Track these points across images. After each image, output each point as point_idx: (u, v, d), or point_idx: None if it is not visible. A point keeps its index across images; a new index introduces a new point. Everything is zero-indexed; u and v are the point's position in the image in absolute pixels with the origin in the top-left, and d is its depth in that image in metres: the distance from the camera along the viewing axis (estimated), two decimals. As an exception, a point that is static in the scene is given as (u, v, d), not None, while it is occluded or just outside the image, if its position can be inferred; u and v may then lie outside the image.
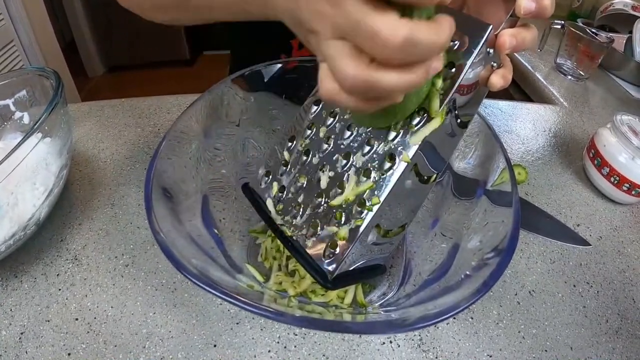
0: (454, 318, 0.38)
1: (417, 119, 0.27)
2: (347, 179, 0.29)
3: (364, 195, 0.28)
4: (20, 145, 0.37)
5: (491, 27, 0.26)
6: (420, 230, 0.40)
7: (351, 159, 0.30)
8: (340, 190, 0.30)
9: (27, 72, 0.50)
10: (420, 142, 0.27)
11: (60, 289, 0.39)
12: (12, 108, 0.51)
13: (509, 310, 0.40)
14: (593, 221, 0.51)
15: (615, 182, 0.52)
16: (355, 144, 0.30)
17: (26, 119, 0.52)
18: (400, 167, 0.27)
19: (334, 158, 0.31)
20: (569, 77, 0.84)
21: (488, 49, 0.27)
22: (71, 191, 0.49)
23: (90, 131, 0.58)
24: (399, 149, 0.27)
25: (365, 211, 0.28)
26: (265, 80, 0.42)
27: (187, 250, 0.28)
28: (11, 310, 0.37)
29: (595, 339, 0.38)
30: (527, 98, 0.85)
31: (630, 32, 0.85)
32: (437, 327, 0.37)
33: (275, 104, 0.44)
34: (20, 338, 0.35)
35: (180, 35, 2.48)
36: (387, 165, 0.28)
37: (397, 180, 0.27)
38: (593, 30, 0.81)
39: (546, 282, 0.43)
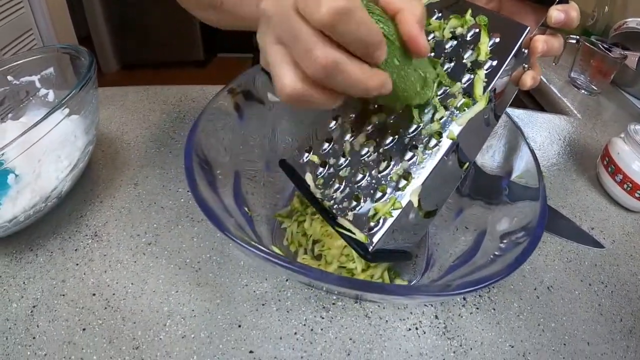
0: (477, 308, 0.38)
1: (462, 102, 0.29)
2: (393, 154, 0.30)
3: (410, 169, 0.29)
4: (49, 116, 0.37)
5: (529, 28, 0.29)
6: (443, 224, 0.41)
7: (397, 136, 0.31)
8: (385, 164, 0.30)
9: (57, 49, 0.50)
10: (465, 123, 0.29)
11: (77, 264, 0.39)
12: (38, 84, 0.51)
13: (529, 303, 0.40)
14: (607, 226, 0.52)
15: (629, 189, 0.53)
16: (402, 123, 0.31)
17: (51, 97, 0.52)
18: (445, 144, 0.29)
19: (380, 135, 0.32)
20: (583, 90, 0.85)
21: (523, 50, 0.30)
22: (94, 170, 0.49)
23: (113, 114, 0.59)
24: (445, 127, 0.29)
25: (410, 184, 0.29)
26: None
27: (225, 219, 0.29)
28: (24, 283, 0.37)
29: (610, 336, 0.39)
30: (540, 108, 0.86)
31: (642, 50, 0.87)
32: (462, 316, 0.38)
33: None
34: (32, 311, 0.35)
35: (196, 36, 2.47)
36: (433, 142, 0.29)
37: (442, 156, 0.28)
38: (607, 46, 0.82)
39: (563, 279, 0.43)
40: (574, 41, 0.82)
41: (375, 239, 0.29)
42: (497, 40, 0.30)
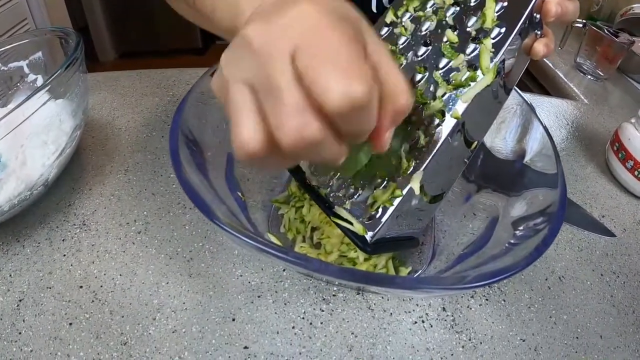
0: (487, 299, 0.36)
1: (467, 75, 0.26)
2: (393, 136, 0.28)
3: (411, 152, 0.27)
4: (32, 96, 0.35)
5: None
6: (450, 210, 0.39)
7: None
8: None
9: (45, 32, 0.48)
10: (470, 99, 0.26)
11: (65, 255, 0.37)
12: (26, 70, 0.49)
13: (540, 294, 0.38)
14: (617, 214, 0.50)
15: (639, 175, 0.52)
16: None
17: (40, 82, 0.50)
18: (449, 123, 0.26)
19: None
20: (589, 76, 0.84)
21: (535, 14, 0.27)
22: (82, 156, 0.47)
23: (104, 99, 0.56)
24: (449, 105, 0.26)
25: (412, 169, 0.26)
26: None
27: (215, 204, 0.26)
28: (10, 275, 0.35)
29: (623, 329, 0.37)
30: (546, 93, 0.85)
31: (649, 37, 0.85)
32: (470, 308, 0.36)
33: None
34: (18, 305, 0.33)
35: (193, 24, 2.45)
36: (436, 122, 0.26)
37: (446, 137, 0.26)
38: (613, 30, 0.80)
39: (575, 269, 0.42)
40: (581, 25, 0.80)
41: (375, 230, 0.26)
42: (505, 4, 0.27)
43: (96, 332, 0.32)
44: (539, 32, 0.28)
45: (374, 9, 0.54)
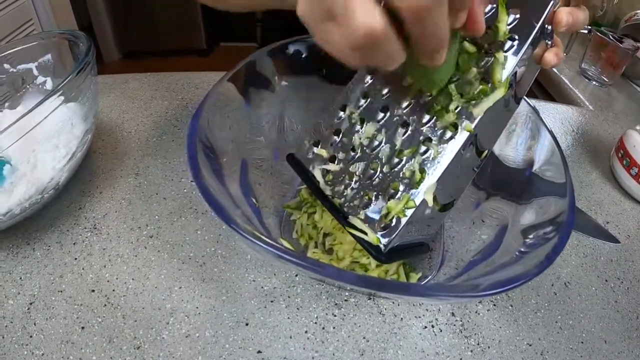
0: (495, 305, 0.37)
1: (480, 89, 0.27)
2: (406, 148, 0.28)
3: (424, 164, 0.27)
4: (44, 101, 0.35)
5: (553, 1, 0.26)
6: (459, 216, 0.39)
7: (410, 128, 0.29)
8: (397, 159, 0.28)
9: (54, 35, 0.48)
10: (483, 113, 0.26)
11: (76, 259, 0.37)
12: (35, 72, 0.50)
13: (546, 300, 0.39)
14: (621, 220, 0.50)
15: (644, 182, 0.52)
16: (415, 113, 0.29)
17: (49, 85, 0.50)
18: (462, 136, 0.26)
19: (391, 127, 0.30)
20: (593, 82, 0.84)
21: (546, 25, 0.27)
22: (93, 160, 0.47)
23: (114, 102, 0.56)
24: (462, 118, 0.27)
25: (425, 181, 0.27)
26: (303, 56, 0.41)
27: (231, 210, 0.27)
28: (20, 278, 0.35)
29: (627, 334, 0.38)
30: (551, 99, 0.85)
31: (653, 42, 0.85)
32: (479, 314, 0.36)
33: (311, 82, 0.42)
34: (28, 308, 0.33)
35: (198, 25, 2.43)
36: (449, 134, 0.27)
37: (458, 150, 0.26)
38: (618, 37, 0.81)
39: (580, 275, 0.42)
40: (586, 32, 0.81)
41: (388, 240, 0.27)
42: (518, 16, 0.27)
43: (109, 336, 0.32)
44: (549, 42, 0.28)
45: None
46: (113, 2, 2.30)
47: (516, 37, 0.27)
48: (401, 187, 0.28)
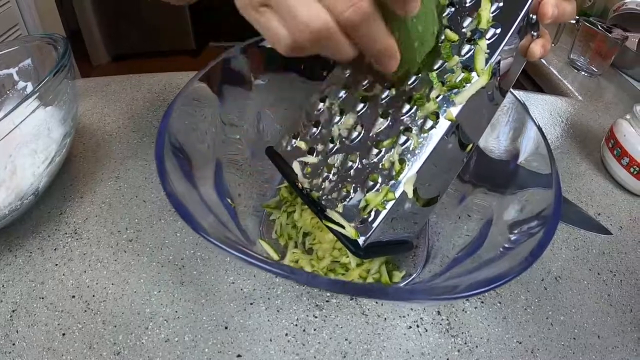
0: (482, 302, 0.36)
1: (462, 77, 0.26)
2: (385, 138, 0.27)
3: (404, 155, 0.26)
4: (20, 105, 0.35)
5: None
6: (444, 212, 0.38)
7: (390, 118, 0.28)
8: (376, 150, 0.27)
9: (34, 39, 0.47)
10: (465, 101, 0.26)
11: (57, 264, 0.37)
12: (16, 77, 0.49)
13: (536, 295, 0.38)
14: (613, 211, 0.50)
15: (635, 172, 0.51)
16: (395, 103, 0.28)
17: (29, 89, 0.49)
18: (443, 125, 0.26)
19: (371, 117, 0.29)
20: (582, 72, 0.83)
21: (531, 15, 0.26)
22: (73, 164, 0.47)
23: (95, 105, 0.56)
24: (443, 107, 0.26)
25: (405, 172, 0.26)
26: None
27: (201, 214, 0.26)
28: (3, 286, 0.35)
29: (621, 328, 0.37)
30: (540, 90, 0.84)
31: (642, 31, 0.84)
32: (465, 312, 0.35)
33: (290, 79, 0.42)
34: (11, 316, 0.33)
35: (186, 25, 2.41)
36: (429, 124, 0.26)
37: (440, 139, 0.26)
38: (606, 26, 0.80)
39: (571, 268, 0.41)
40: (574, 22, 0.80)
41: (367, 234, 0.26)
42: (501, 4, 0.26)
43: (89, 343, 0.31)
44: (535, 33, 0.28)
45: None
46: (101, 5, 2.28)
47: (499, 25, 0.26)
48: (380, 179, 0.27)
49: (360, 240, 0.26)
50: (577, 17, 0.80)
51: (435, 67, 0.27)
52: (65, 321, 0.33)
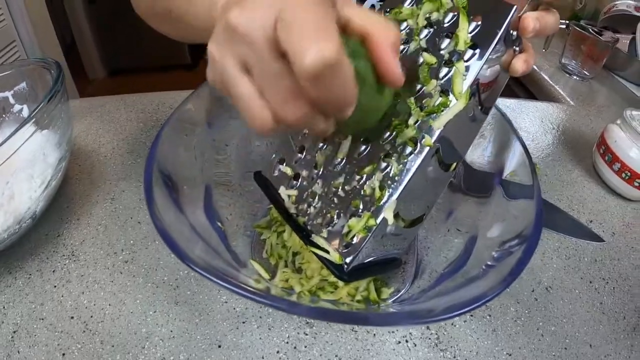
0: (472, 315, 0.37)
1: (439, 101, 0.26)
2: (366, 165, 0.28)
3: (384, 182, 0.27)
4: (16, 133, 0.36)
5: (515, 7, 0.25)
6: (433, 226, 0.39)
7: (370, 144, 0.28)
8: (358, 177, 0.28)
9: (28, 63, 0.48)
10: (443, 126, 0.26)
11: (55, 286, 0.37)
12: (12, 100, 0.50)
13: (526, 307, 0.38)
14: (605, 217, 0.50)
15: (627, 177, 0.52)
16: (375, 130, 0.28)
17: (25, 112, 0.50)
18: (422, 151, 0.26)
19: (352, 144, 0.29)
20: (574, 76, 0.83)
21: (511, 32, 0.26)
22: (69, 186, 0.47)
23: (90, 126, 0.57)
24: (422, 133, 0.26)
25: (385, 198, 0.26)
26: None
27: (190, 242, 0.27)
28: (4, 307, 0.36)
29: (614, 336, 0.37)
30: (532, 97, 0.84)
31: (634, 32, 0.85)
32: (455, 325, 0.36)
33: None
34: (12, 337, 0.34)
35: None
36: (409, 150, 0.26)
37: (419, 165, 0.26)
38: (597, 29, 0.80)
39: (562, 278, 0.42)
40: (564, 26, 0.80)
41: (350, 259, 0.26)
42: (479, 23, 0.26)
43: (87, 363, 0.32)
44: (517, 48, 0.27)
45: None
46: (96, 20, 2.31)
47: (478, 45, 0.26)
48: (362, 205, 0.27)
49: (345, 264, 0.27)
50: (567, 22, 0.80)
51: (414, 91, 0.27)
52: (64, 341, 0.33)
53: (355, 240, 0.27)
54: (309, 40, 0.18)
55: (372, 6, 0.53)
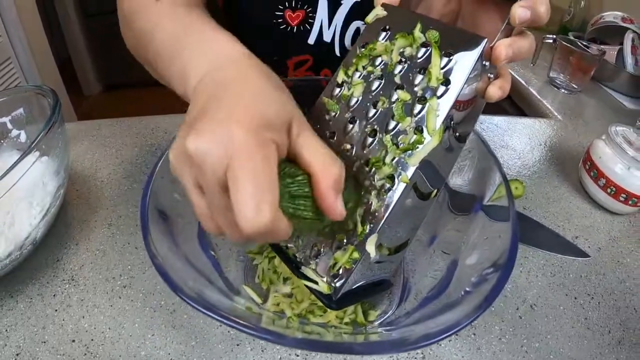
0: (457, 335, 0.38)
1: (414, 139, 0.27)
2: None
3: (365, 217, 0.28)
4: (17, 164, 0.37)
5: (485, 40, 0.26)
6: (419, 248, 0.40)
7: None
8: None
9: (25, 89, 0.50)
10: (418, 163, 0.27)
11: (56, 310, 0.39)
12: (9, 126, 0.51)
13: (511, 325, 0.39)
14: (591, 232, 0.51)
15: (612, 192, 0.53)
16: (354, 167, 0.30)
17: (23, 137, 0.52)
18: (399, 188, 0.27)
19: None
20: (562, 90, 0.85)
21: (484, 62, 0.27)
22: (68, 211, 0.49)
23: (87, 150, 0.58)
24: (399, 169, 0.27)
25: (367, 231, 0.28)
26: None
27: (183, 272, 0.28)
28: (6, 330, 0.37)
29: (599, 350, 0.38)
30: (522, 112, 0.86)
31: (621, 43, 0.86)
32: (440, 345, 0.37)
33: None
34: (15, 359, 0.35)
35: (177, 54, 2.47)
36: (387, 186, 0.28)
37: (398, 199, 0.27)
38: (584, 43, 0.82)
39: (547, 295, 0.43)
40: (551, 41, 0.82)
41: (337, 288, 0.28)
42: (452, 57, 0.26)
43: (88, 387, 0.33)
44: (491, 75, 0.28)
45: (337, 53, 0.56)
46: (91, 35, 2.32)
47: (450, 80, 0.26)
48: (346, 239, 0.29)
49: (332, 293, 0.28)
50: (554, 37, 0.82)
51: (390, 128, 0.28)
52: (66, 365, 0.34)
53: (342, 270, 0.28)
54: (250, 205, 0.20)
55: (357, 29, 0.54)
